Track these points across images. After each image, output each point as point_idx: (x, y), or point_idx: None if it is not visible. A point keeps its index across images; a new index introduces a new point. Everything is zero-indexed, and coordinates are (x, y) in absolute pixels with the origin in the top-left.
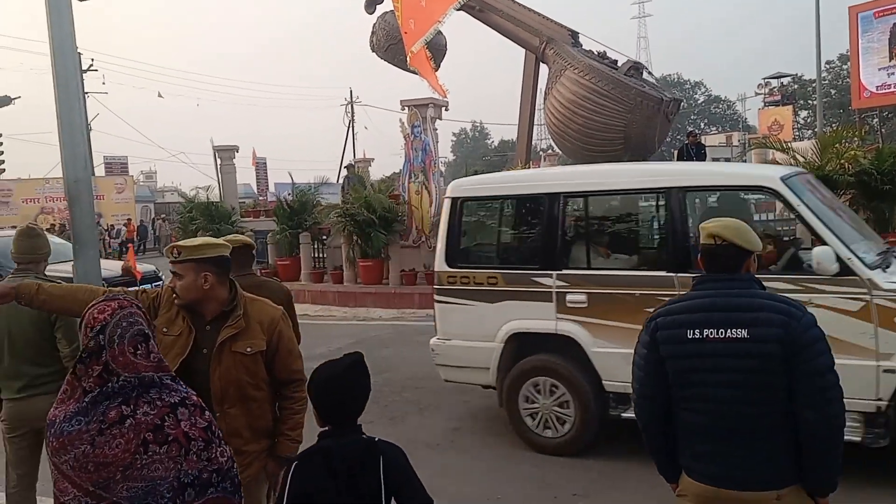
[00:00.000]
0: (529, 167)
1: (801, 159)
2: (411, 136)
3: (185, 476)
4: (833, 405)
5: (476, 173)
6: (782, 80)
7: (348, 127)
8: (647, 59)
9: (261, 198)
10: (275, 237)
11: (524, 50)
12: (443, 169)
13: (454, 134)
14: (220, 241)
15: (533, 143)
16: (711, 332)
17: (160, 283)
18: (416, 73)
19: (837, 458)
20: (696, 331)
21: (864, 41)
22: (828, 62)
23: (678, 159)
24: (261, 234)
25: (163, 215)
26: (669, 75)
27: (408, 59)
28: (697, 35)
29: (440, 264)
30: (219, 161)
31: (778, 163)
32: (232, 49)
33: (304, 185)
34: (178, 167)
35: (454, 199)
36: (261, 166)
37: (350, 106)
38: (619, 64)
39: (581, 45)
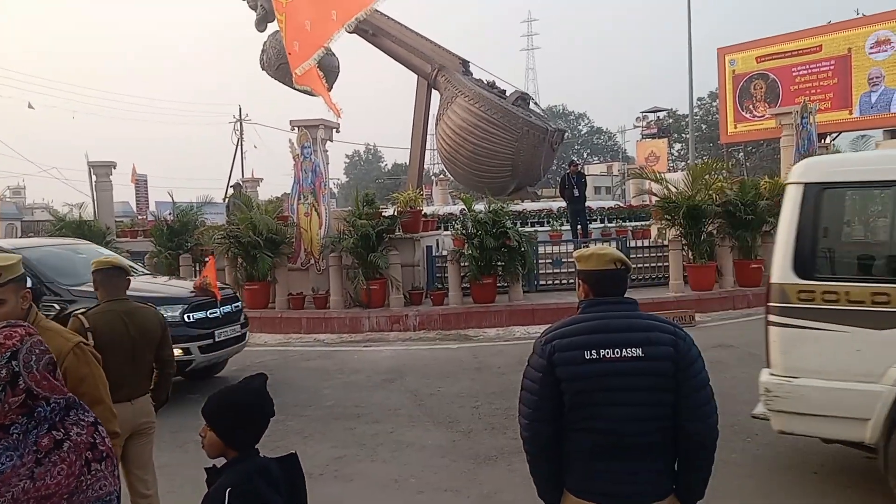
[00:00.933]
0: (422, 192)
1: (674, 189)
2: (301, 157)
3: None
4: (714, 416)
5: (367, 196)
6: (658, 114)
7: (236, 145)
8: (535, 89)
9: (139, 217)
10: (152, 259)
11: (417, 76)
12: (335, 190)
13: (347, 156)
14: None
15: (425, 167)
16: (608, 352)
17: (239, 304)
18: (307, 93)
19: (710, 469)
20: (594, 351)
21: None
22: (699, 99)
23: (560, 187)
24: (138, 255)
25: (30, 234)
26: (555, 106)
27: (293, 78)
28: (582, 69)
29: (783, 274)
30: (94, 177)
31: (654, 193)
32: (111, 59)
33: (185, 203)
34: (50, 183)
35: (807, 186)
36: (141, 184)
37: (239, 123)
38: (508, 94)
39: (472, 74)
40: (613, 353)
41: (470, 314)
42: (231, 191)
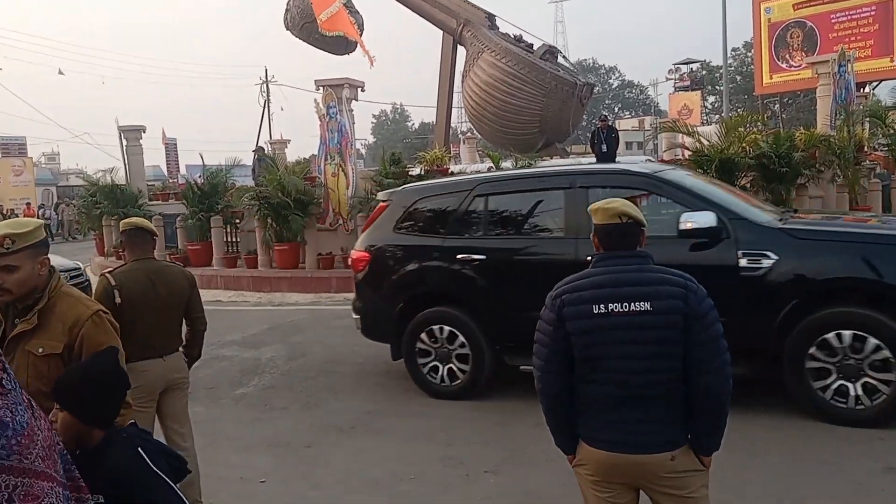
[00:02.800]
0: (449, 151)
1: (706, 143)
2: (327, 117)
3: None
4: (727, 369)
5: (394, 155)
6: (691, 66)
7: (263, 107)
8: (564, 43)
9: (171, 180)
10: (185, 221)
11: (442, 32)
12: (362, 151)
13: (374, 116)
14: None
15: (452, 125)
16: (616, 307)
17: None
18: (333, 50)
19: (725, 420)
20: (602, 305)
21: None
22: (733, 49)
23: (591, 143)
24: (170, 217)
25: (66, 199)
26: (585, 60)
27: (318, 24)
28: (612, 21)
29: None
30: (125, 142)
31: (686, 147)
32: (136, 20)
33: (215, 166)
34: (83, 148)
35: None
36: (171, 147)
37: (265, 85)
38: (535, 48)
39: (498, 28)
40: (622, 307)
41: None
42: (255, 154)
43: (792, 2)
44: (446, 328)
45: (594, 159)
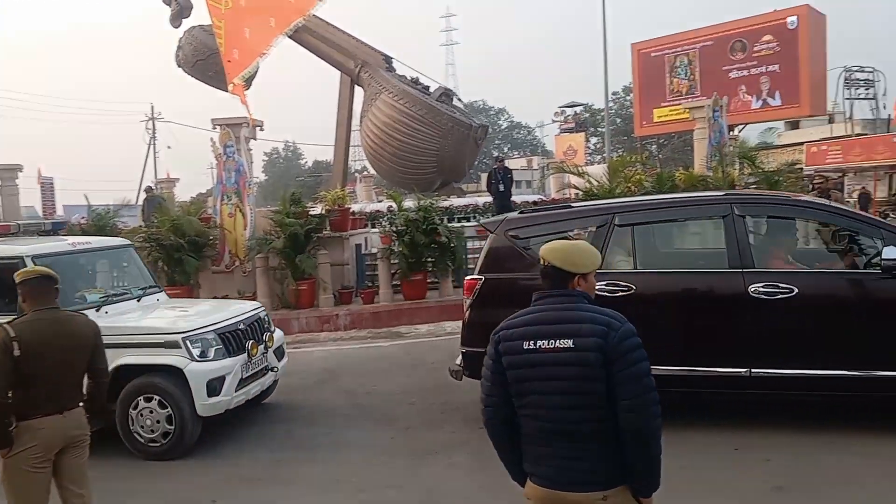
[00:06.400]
0: (346, 188)
1: (595, 182)
2: (223, 157)
3: None
4: (651, 408)
5: (294, 195)
6: (575, 108)
7: (149, 145)
8: (456, 84)
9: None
10: None
11: (340, 73)
12: (255, 191)
13: (265, 154)
14: None
15: (349, 164)
16: (543, 343)
17: None
18: (221, 88)
19: (658, 459)
20: (531, 342)
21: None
22: (614, 93)
23: (487, 182)
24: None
25: None
26: (475, 101)
27: (230, 87)
28: (500, 64)
29: None
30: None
31: (575, 187)
32: (14, 57)
33: (101, 206)
34: None
35: None
36: (47, 186)
37: (151, 122)
38: (431, 90)
39: (395, 70)
40: (548, 344)
41: (401, 311)
42: (144, 194)
43: (668, 47)
44: None
45: (489, 198)
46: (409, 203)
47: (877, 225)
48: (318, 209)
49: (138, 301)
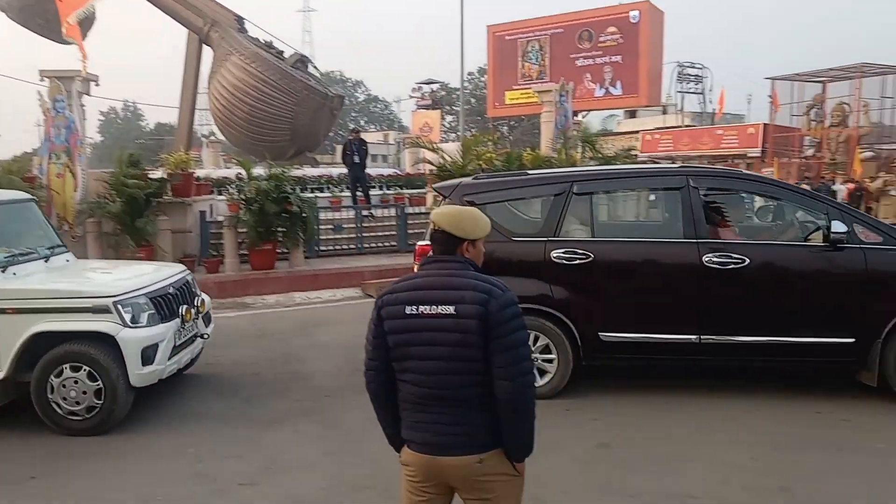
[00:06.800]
0: (190, 153)
1: (449, 159)
2: (52, 112)
3: None
4: (526, 376)
5: (132, 157)
6: (432, 86)
7: None
8: (312, 53)
9: None
10: None
11: (187, 31)
12: (88, 151)
13: (102, 113)
14: None
15: (195, 128)
16: (426, 308)
17: None
18: (71, 43)
19: (531, 425)
20: (414, 307)
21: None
22: (469, 73)
23: (342, 153)
24: None
25: None
26: (333, 72)
27: (64, 29)
28: (360, 35)
29: None
30: None
31: (429, 162)
32: None
33: None
34: None
35: None
36: None
37: None
38: (286, 56)
39: (247, 32)
40: (430, 309)
41: (248, 281)
42: None
43: (523, 30)
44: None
45: (344, 169)
46: (259, 171)
47: (820, 200)
48: (159, 173)
49: (46, 262)
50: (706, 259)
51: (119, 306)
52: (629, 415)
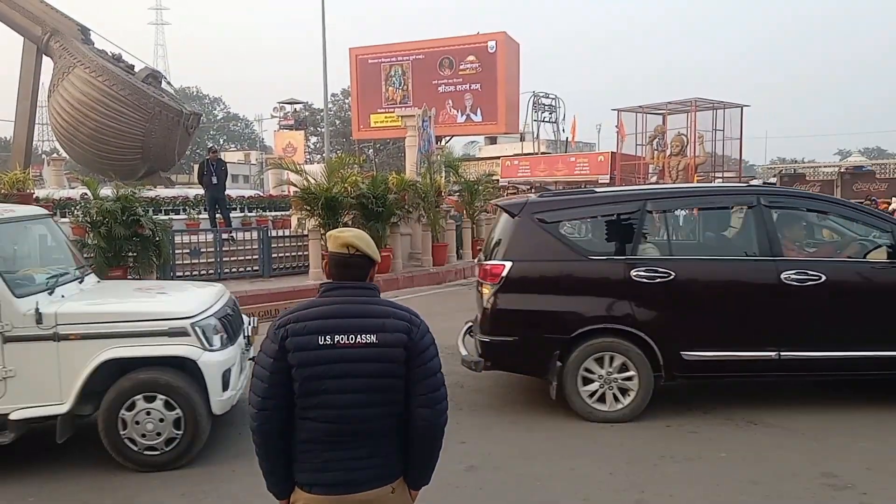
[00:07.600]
0: (29, 171)
1: (313, 181)
2: None
3: None
4: (442, 402)
5: None
6: (295, 106)
7: None
8: (165, 67)
9: None
10: None
11: (23, 39)
12: None
13: None
14: None
15: (34, 144)
16: (342, 338)
17: None
18: None
19: (437, 454)
20: (328, 337)
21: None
22: (333, 94)
23: (199, 174)
24: None
25: None
26: (188, 87)
27: None
28: (217, 51)
29: None
30: None
31: (293, 184)
32: None
33: None
34: None
35: None
36: None
37: None
38: (137, 70)
39: (93, 44)
40: (348, 339)
41: None
42: None
43: (386, 55)
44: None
45: (201, 190)
46: (106, 191)
47: (885, 219)
48: None
49: (80, 283)
50: (784, 276)
51: (197, 328)
52: (495, 435)
